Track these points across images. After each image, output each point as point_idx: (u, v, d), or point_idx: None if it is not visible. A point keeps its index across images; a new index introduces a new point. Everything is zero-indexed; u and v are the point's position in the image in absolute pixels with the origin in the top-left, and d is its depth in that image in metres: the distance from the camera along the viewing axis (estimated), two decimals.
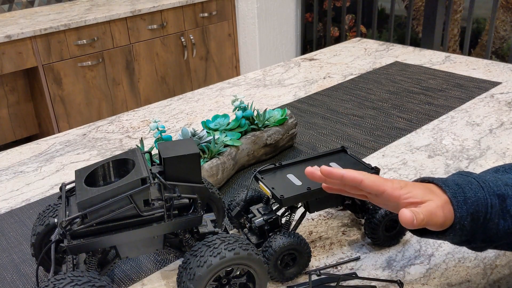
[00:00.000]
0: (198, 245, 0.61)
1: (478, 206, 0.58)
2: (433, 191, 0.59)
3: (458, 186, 0.59)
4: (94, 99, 2.80)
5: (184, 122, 1.27)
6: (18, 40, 2.43)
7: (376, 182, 0.58)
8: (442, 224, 0.57)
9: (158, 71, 3.06)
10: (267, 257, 0.67)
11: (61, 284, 0.54)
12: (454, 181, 0.60)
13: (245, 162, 1.01)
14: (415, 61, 1.62)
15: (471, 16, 2.78)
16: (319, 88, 1.45)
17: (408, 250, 0.75)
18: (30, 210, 0.92)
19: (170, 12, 3.00)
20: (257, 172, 0.75)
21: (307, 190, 0.70)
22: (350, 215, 0.85)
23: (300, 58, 1.74)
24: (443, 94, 1.34)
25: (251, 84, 1.52)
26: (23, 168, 1.09)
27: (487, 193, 0.59)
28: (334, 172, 0.59)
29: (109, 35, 2.76)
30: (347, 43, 1.89)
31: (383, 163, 1.01)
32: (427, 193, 0.58)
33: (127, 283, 0.73)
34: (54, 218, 0.68)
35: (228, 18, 3.37)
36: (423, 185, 0.60)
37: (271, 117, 1.06)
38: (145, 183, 0.60)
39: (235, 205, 0.78)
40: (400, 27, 3.22)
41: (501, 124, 1.15)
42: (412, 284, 0.69)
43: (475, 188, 0.59)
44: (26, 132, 2.81)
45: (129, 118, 1.33)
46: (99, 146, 1.17)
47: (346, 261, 0.74)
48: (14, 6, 2.96)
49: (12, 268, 0.77)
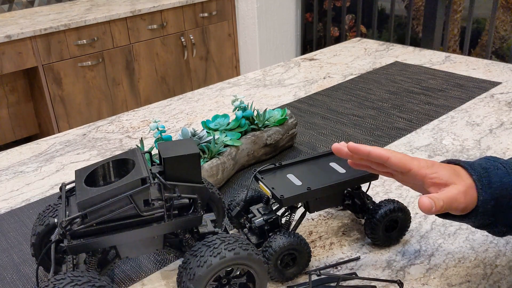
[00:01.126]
0: (198, 245, 0.61)
1: (503, 191, 0.58)
2: (459, 174, 0.59)
3: (484, 169, 0.59)
4: (94, 99, 2.80)
5: (184, 122, 1.27)
6: (18, 40, 2.43)
7: (402, 160, 0.59)
8: (463, 209, 0.58)
9: (158, 71, 3.06)
10: (267, 257, 0.67)
11: (61, 284, 0.54)
12: (480, 165, 0.60)
13: (245, 162, 1.01)
14: (415, 61, 1.62)
15: (471, 16, 2.78)
16: (319, 88, 1.45)
17: (408, 250, 0.75)
18: (30, 210, 0.92)
19: (170, 12, 3.00)
20: (257, 172, 0.75)
21: (307, 190, 0.70)
22: (350, 215, 0.85)
23: (300, 58, 1.74)
24: (443, 94, 1.34)
25: (251, 84, 1.52)
26: (23, 168, 1.09)
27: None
28: (361, 148, 0.59)
29: (109, 35, 2.76)
30: (347, 43, 1.89)
31: None
32: (452, 175, 0.58)
33: (127, 283, 0.73)
34: (54, 218, 0.68)
35: (228, 18, 3.37)
36: (450, 166, 0.60)
37: (271, 117, 1.06)
38: (145, 183, 0.60)
39: (235, 205, 0.78)
40: (400, 27, 3.22)
41: (501, 124, 1.15)
42: (412, 284, 0.69)
43: (502, 173, 0.59)
44: (26, 132, 2.81)
45: (129, 118, 1.33)
46: (99, 146, 1.17)
47: (346, 261, 0.74)
48: (14, 6, 2.96)
49: (12, 268, 0.77)
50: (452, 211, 0.57)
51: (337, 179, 0.73)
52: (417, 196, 0.89)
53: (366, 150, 0.59)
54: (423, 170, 0.58)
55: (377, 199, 0.89)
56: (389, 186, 0.93)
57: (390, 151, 0.59)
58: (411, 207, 0.86)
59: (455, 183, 0.57)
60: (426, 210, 0.55)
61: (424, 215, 0.83)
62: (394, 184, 0.93)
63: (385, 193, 0.91)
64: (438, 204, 0.55)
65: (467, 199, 0.57)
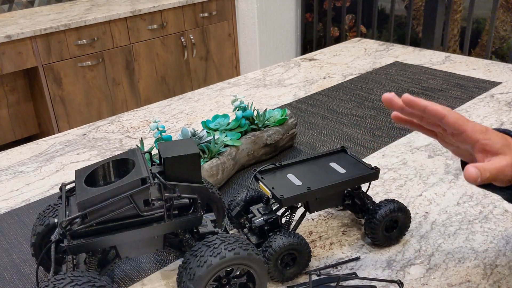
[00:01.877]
0: (198, 245, 0.61)
1: None
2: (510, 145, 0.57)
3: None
4: (94, 99, 2.80)
5: (184, 122, 1.27)
6: (18, 40, 2.43)
7: (458, 120, 0.57)
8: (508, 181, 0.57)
9: (158, 71, 3.06)
10: (267, 257, 0.67)
11: (61, 284, 0.54)
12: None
13: (245, 162, 1.01)
14: (415, 61, 1.62)
15: (471, 16, 2.78)
16: (319, 88, 1.45)
17: (408, 250, 0.75)
18: (30, 210, 0.92)
19: (170, 12, 3.00)
20: (257, 172, 0.75)
21: (307, 190, 0.70)
22: (350, 215, 0.85)
23: (300, 58, 1.74)
24: (443, 94, 1.34)
25: (251, 84, 1.52)
26: (23, 168, 1.09)
27: None
28: (417, 101, 0.58)
29: (109, 35, 2.76)
30: (347, 43, 1.89)
31: (383, 163, 1.01)
32: (504, 145, 0.57)
33: (127, 283, 0.73)
34: (54, 218, 0.68)
35: (228, 18, 3.37)
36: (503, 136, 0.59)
37: (271, 117, 1.06)
38: (145, 183, 0.60)
39: (235, 205, 0.78)
40: (400, 27, 3.22)
41: (501, 124, 1.15)
42: (412, 284, 0.69)
43: None
44: (26, 132, 2.81)
45: (129, 118, 1.33)
46: (99, 146, 1.17)
47: (346, 261, 0.74)
48: (14, 6, 2.96)
49: (12, 268, 0.77)
50: (496, 182, 0.56)
51: (337, 179, 0.73)
52: (417, 196, 0.89)
53: (423, 104, 0.57)
54: (477, 134, 0.57)
55: (377, 199, 0.89)
56: (389, 186, 0.93)
57: (446, 109, 0.57)
58: (411, 207, 0.86)
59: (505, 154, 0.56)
60: (471, 180, 0.53)
61: (424, 215, 0.83)
62: (394, 184, 0.93)
63: (385, 193, 0.91)
64: (484, 175, 0.54)
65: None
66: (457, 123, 0.57)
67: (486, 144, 0.56)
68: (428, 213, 0.84)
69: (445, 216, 0.83)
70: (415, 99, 0.58)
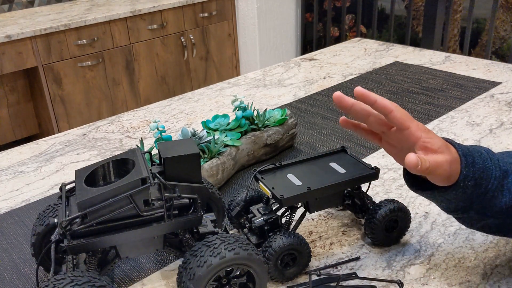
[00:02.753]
0: (198, 245, 0.61)
1: (483, 174, 0.60)
2: (448, 147, 0.60)
3: (469, 150, 0.61)
4: (94, 99, 2.80)
5: (184, 122, 1.27)
6: (18, 40, 2.43)
7: (404, 116, 0.60)
8: (446, 178, 0.59)
9: (158, 71, 3.06)
10: (267, 257, 0.67)
11: (61, 284, 0.54)
12: (466, 147, 0.62)
13: (245, 162, 1.01)
14: (415, 61, 1.62)
15: (471, 16, 2.78)
16: (319, 88, 1.45)
17: (408, 250, 0.75)
18: (30, 210, 0.92)
19: (170, 12, 3.00)
20: (257, 172, 0.75)
21: (307, 190, 0.70)
22: (350, 215, 0.85)
23: (300, 58, 1.74)
24: (443, 94, 1.34)
25: (251, 84, 1.52)
26: (23, 168, 1.09)
27: (493, 165, 0.61)
28: (368, 94, 0.60)
29: (109, 35, 2.76)
30: (347, 43, 1.89)
31: (383, 163, 1.01)
32: (443, 146, 0.60)
33: (127, 283, 0.73)
34: (54, 218, 0.68)
35: (228, 18, 3.37)
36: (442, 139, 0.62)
37: (271, 117, 1.06)
38: (145, 183, 0.60)
39: (235, 205, 0.78)
40: (400, 27, 3.22)
41: (501, 124, 1.15)
42: (412, 284, 0.69)
43: (484, 157, 0.61)
44: (26, 132, 2.81)
45: (129, 118, 1.33)
46: (99, 146, 1.17)
47: (346, 261, 0.74)
48: (14, 6, 2.96)
49: (12, 268, 0.77)
50: (434, 177, 0.59)
51: (337, 179, 0.73)
52: (417, 196, 0.89)
53: (373, 97, 0.60)
54: (420, 132, 0.60)
55: (377, 199, 0.89)
56: (389, 186, 0.93)
57: (394, 104, 0.61)
58: (411, 207, 0.86)
59: (444, 153, 0.59)
60: (411, 166, 0.56)
61: (424, 215, 0.83)
62: (394, 184, 0.93)
63: (385, 193, 0.91)
64: (424, 164, 0.56)
65: (452, 170, 0.59)
66: (402, 118, 0.60)
67: (427, 142, 0.59)
68: (428, 213, 0.84)
69: (445, 216, 0.83)
70: (367, 91, 0.61)
